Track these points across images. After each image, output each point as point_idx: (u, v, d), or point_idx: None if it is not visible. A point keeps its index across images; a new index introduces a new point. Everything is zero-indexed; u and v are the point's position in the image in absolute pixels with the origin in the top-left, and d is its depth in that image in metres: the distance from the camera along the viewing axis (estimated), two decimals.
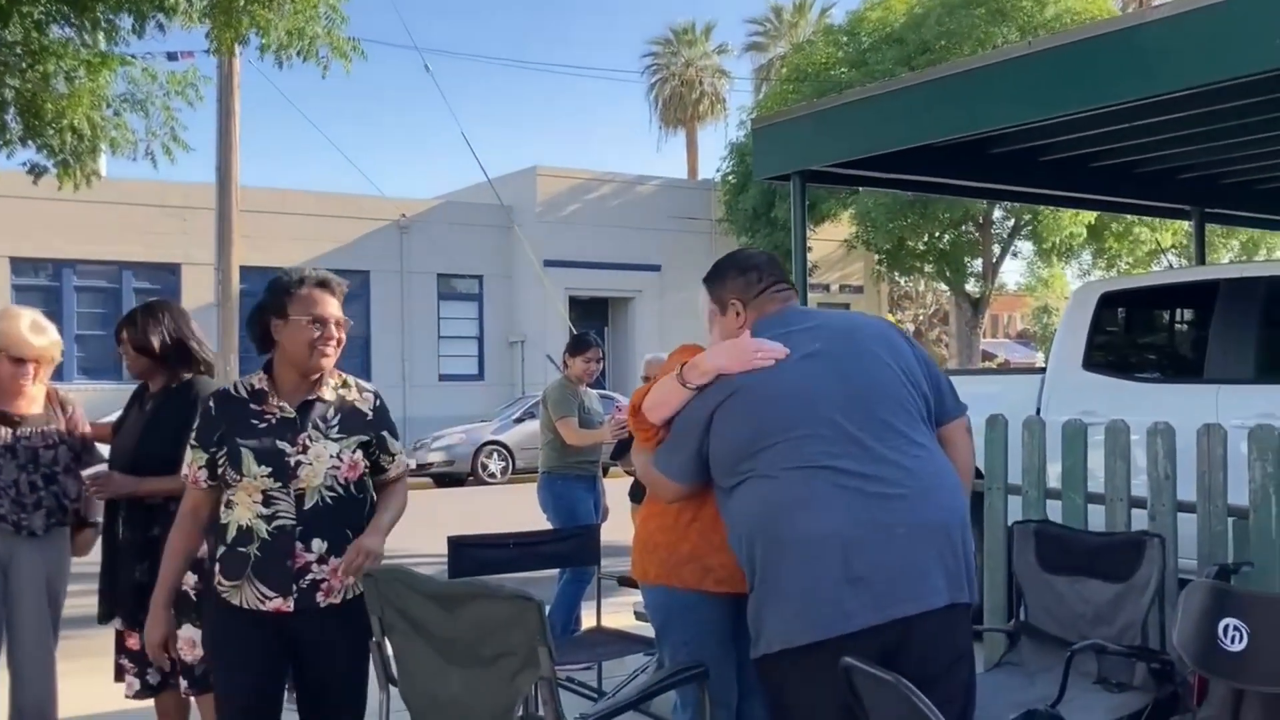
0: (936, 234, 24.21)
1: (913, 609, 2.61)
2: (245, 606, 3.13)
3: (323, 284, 3.23)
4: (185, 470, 3.26)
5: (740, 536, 2.81)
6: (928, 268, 25.62)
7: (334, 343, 3.20)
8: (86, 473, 3.99)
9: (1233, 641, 3.15)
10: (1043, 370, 7.03)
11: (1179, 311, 7.28)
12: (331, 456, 3.17)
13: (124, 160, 9.64)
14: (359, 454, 3.24)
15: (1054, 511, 4.77)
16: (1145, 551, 4.06)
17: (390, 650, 3.06)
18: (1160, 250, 24.48)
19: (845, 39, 23.80)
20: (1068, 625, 4.08)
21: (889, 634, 2.58)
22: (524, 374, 25.85)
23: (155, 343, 4.00)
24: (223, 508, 3.22)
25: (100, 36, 8.72)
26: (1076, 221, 22.43)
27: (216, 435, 3.16)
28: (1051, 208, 19.70)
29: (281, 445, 3.13)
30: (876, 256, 25.91)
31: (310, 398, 3.23)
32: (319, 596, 3.16)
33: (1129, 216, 21.85)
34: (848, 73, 21.78)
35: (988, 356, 34.78)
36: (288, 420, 3.18)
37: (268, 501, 3.12)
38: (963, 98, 5.87)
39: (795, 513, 2.69)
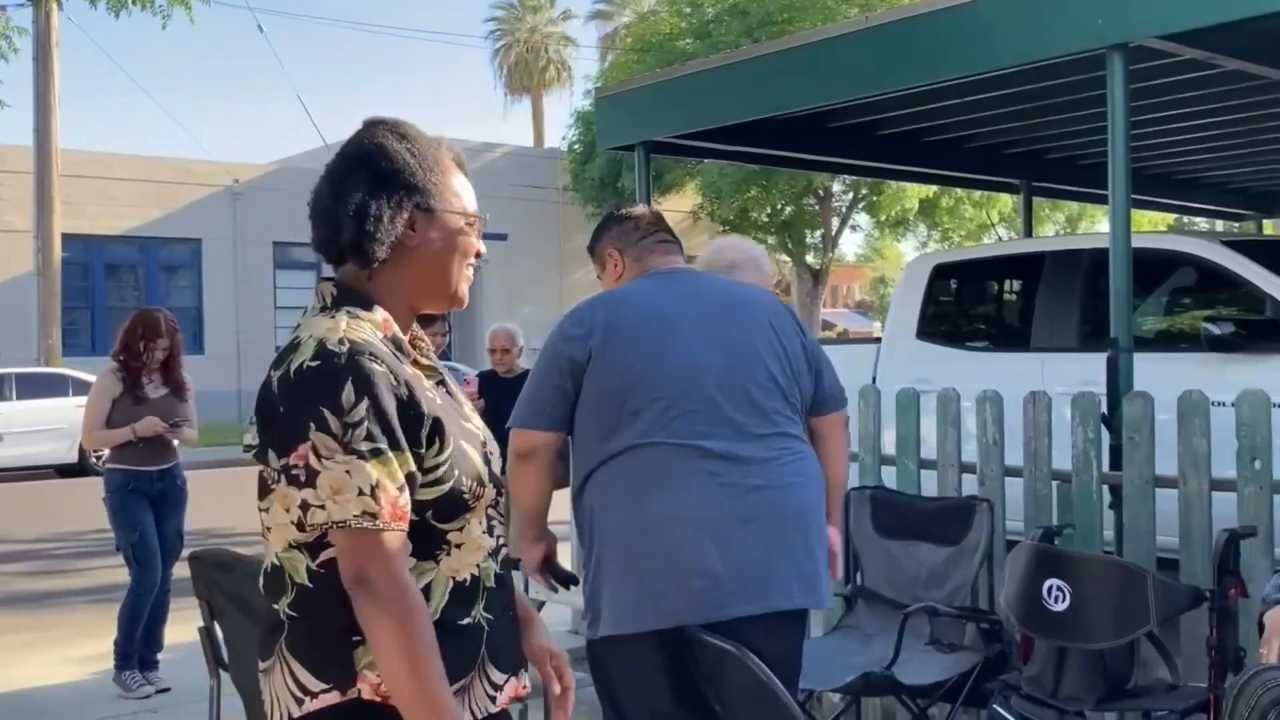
0: (779, 206, 24.62)
1: (756, 609, 2.59)
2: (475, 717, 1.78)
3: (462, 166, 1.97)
4: (345, 496, 1.63)
5: (589, 508, 2.73)
6: (770, 239, 26.05)
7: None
8: None
9: (1056, 601, 3.28)
10: (879, 340, 7.21)
11: (1008, 283, 7.55)
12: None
13: None
14: None
15: (889, 478, 4.90)
16: (975, 515, 4.21)
17: (220, 635, 2.95)
18: (989, 225, 25.42)
19: (689, 10, 23.89)
20: (902, 588, 4.20)
21: (726, 630, 2.51)
22: None
23: None
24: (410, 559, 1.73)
25: None
26: (912, 197, 23.11)
27: (426, 424, 1.73)
28: (895, 182, 20.23)
29: (471, 427, 1.87)
30: (721, 227, 26.22)
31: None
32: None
33: (959, 192, 22.60)
34: (692, 43, 21.90)
35: (827, 326, 35.64)
36: (445, 386, 1.89)
37: (490, 527, 1.86)
38: (802, 71, 5.94)
39: (654, 493, 2.63)
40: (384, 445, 1.63)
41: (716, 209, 24.11)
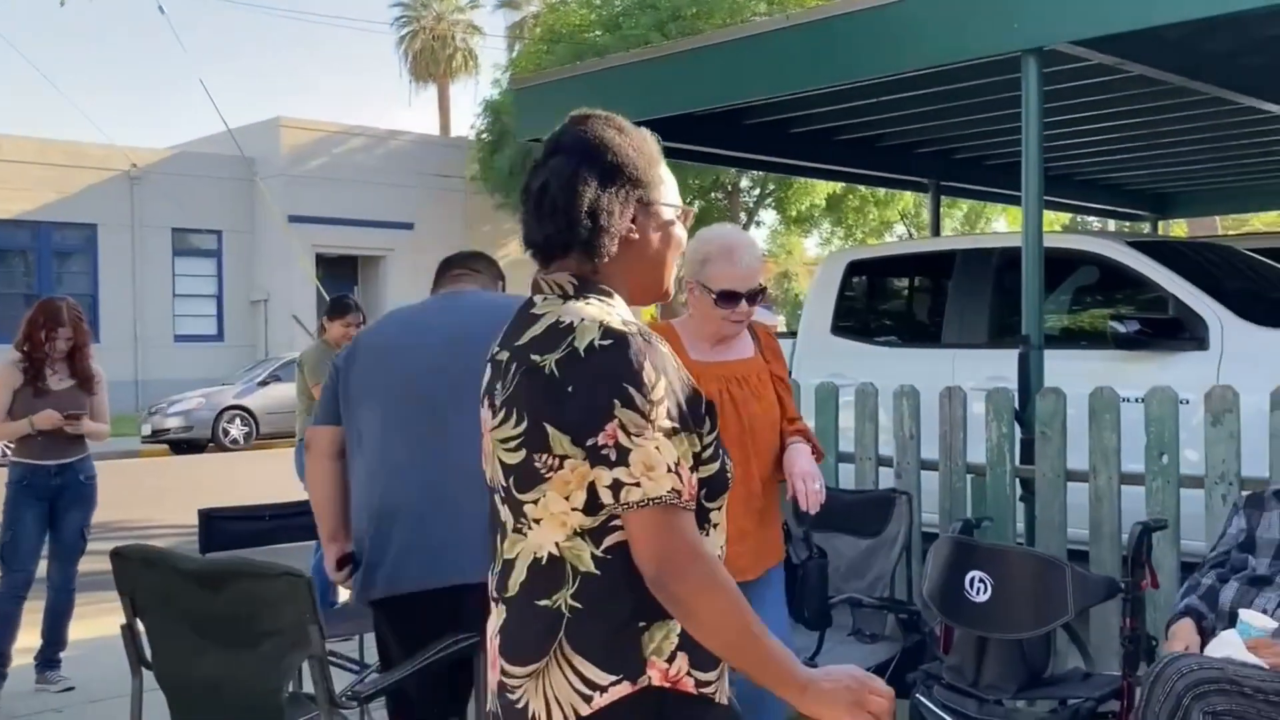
0: (688, 200, 24.68)
1: (459, 579, 2.80)
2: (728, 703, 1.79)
3: None
4: (658, 473, 1.63)
5: (358, 503, 3.03)
6: None
7: None
8: None
9: (978, 593, 3.36)
10: (794, 335, 7.29)
11: (920, 279, 7.68)
12: None
13: None
14: None
15: None
16: (894, 508, 4.29)
17: (144, 632, 2.88)
18: (890, 223, 25.84)
19: (599, 1, 23.87)
20: None
21: (446, 598, 2.83)
22: (268, 335, 24.86)
23: None
24: None
25: None
26: (819, 193, 23.39)
27: (703, 403, 1.74)
28: (805, 178, 20.46)
29: None
30: None
31: None
32: None
33: (863, 189, 22.95)
34: (601, 35, 21.88)
35: None
36: None
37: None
38: (722, 69, 5.99)
39: (386, 481, 2.93)
40: (679, 424, 1.63)
41: None
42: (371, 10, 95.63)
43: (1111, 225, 13.82)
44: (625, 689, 1.61)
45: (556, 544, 1.64)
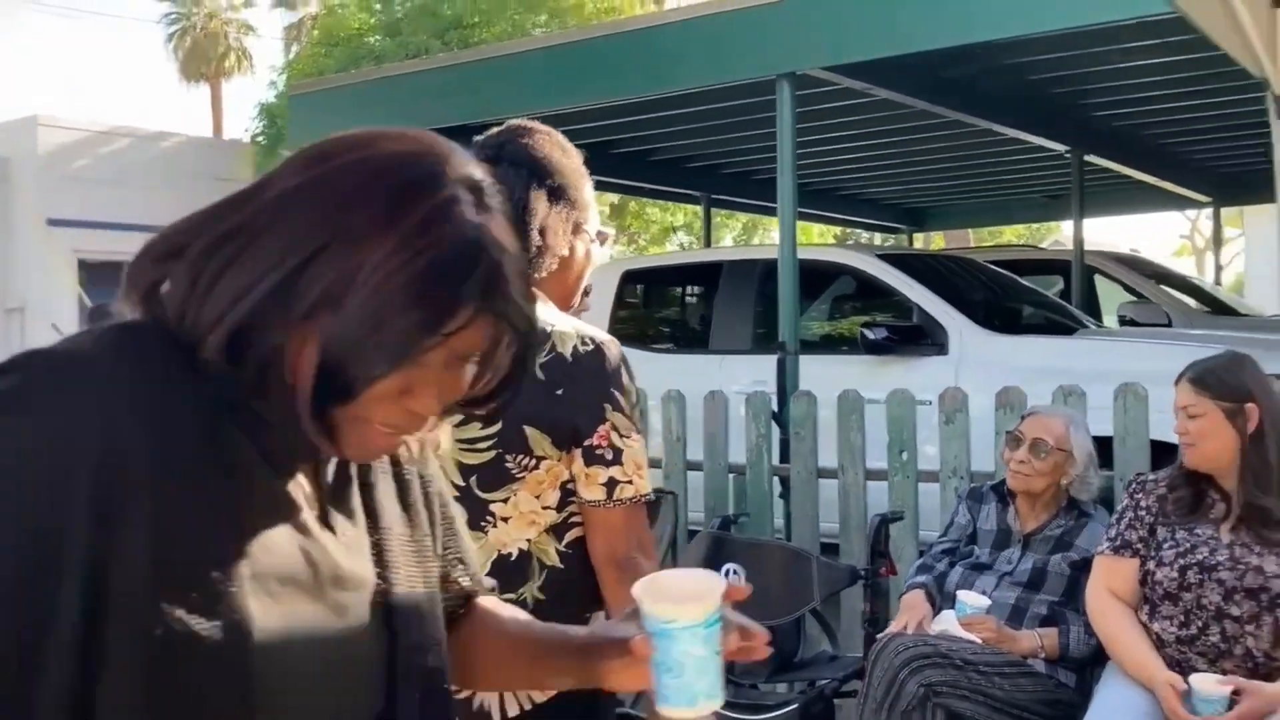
0: None
1: None
2: None
3: None
4: (644, 471, 1.81)
5: None
6: None
7: None
8: None
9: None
10: None
11: (690, 289, 7.98)
12: None
13: None
14: None
15: None
16: (660, 508, 4.48)
17: None
18: (673, 229, 26.45)
19: (379, 6, 23.56)
20: None
21: None
22: (24, 345, 23.35)
23: None
24: None
25: None
26: (602, 201, 23.73)
27: None
28: None
29: None
30: None
31: None
32: None
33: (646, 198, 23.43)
34: (381, 40, 21.62)
35: None
36: None
37: None
38: (495, 81, 6.11)
39: None
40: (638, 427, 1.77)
41: None
42: (141, 7, 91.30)
43: (879, 238, 14.60)
44: None
45: (528, 540, 1.73)
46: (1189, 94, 6.55)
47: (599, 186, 7.99)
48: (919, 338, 5.73)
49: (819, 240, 20.68)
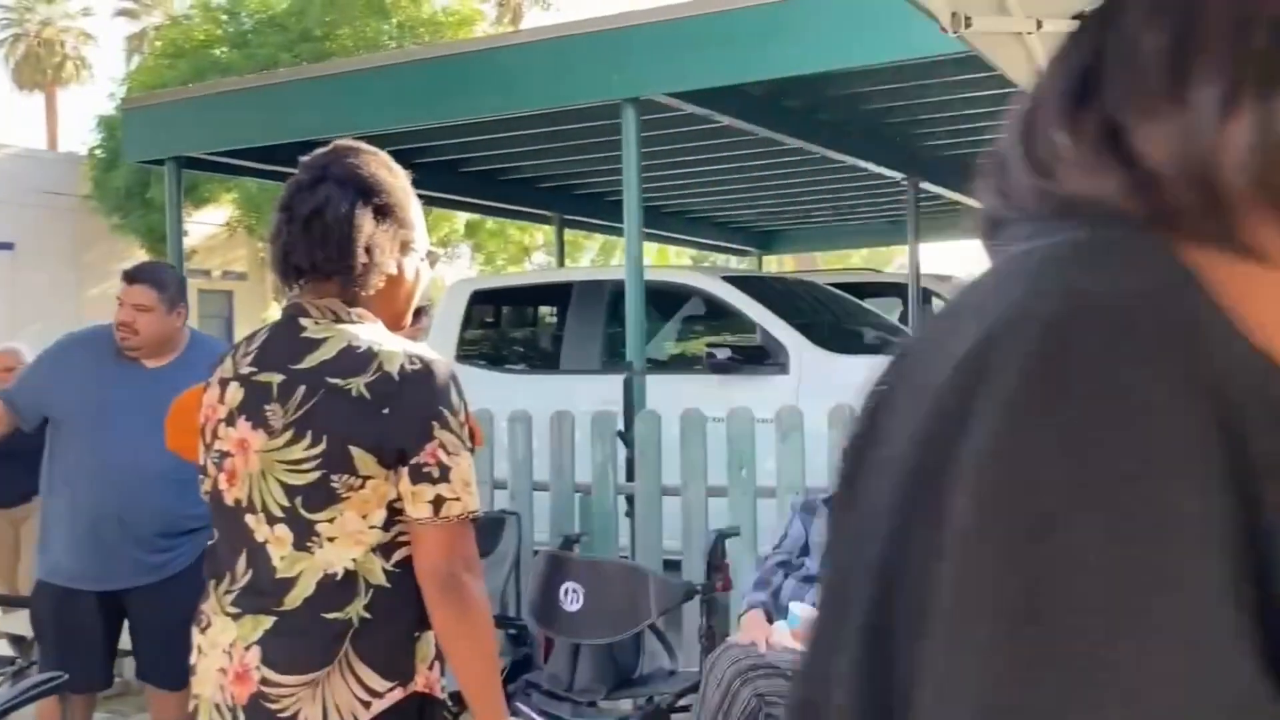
0: None
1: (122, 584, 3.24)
2: None
3: None
4: (472, 488, 1.85)
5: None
6: None
7: None
8: None
9: (571, 602, 3.61)
10: None
11: (540, 309, 8.01)
12: None
13: None
14: None
15: None
16: (504, 528, 4.50)
17: None
18: (531, 249, 26.42)
19: (226, 18, 23.00)
20: None
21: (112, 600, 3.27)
22: None
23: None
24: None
25: None
26: (458, 220, 23.57)
27: None
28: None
29: None
30: (260, 242, 25.37)
31: None
32: None
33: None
34: (228, 53, 21.09)
35: None
36: None
37: None
38: (340, 99, 6.05)
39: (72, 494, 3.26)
40: (468, 445, 1.79)
41: (255, 223, 23.32)
42: None
43: (734, 261, 14.86)
44: (398, 694, 1.75)
45: (354, 560, 1.74)
46: None
47: (451, 205, 8.11)
48: (762, 358, 5.88)
49: (674, 262, 20.94)
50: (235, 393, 1.81)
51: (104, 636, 3.37)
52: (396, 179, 1.88)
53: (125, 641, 3.45)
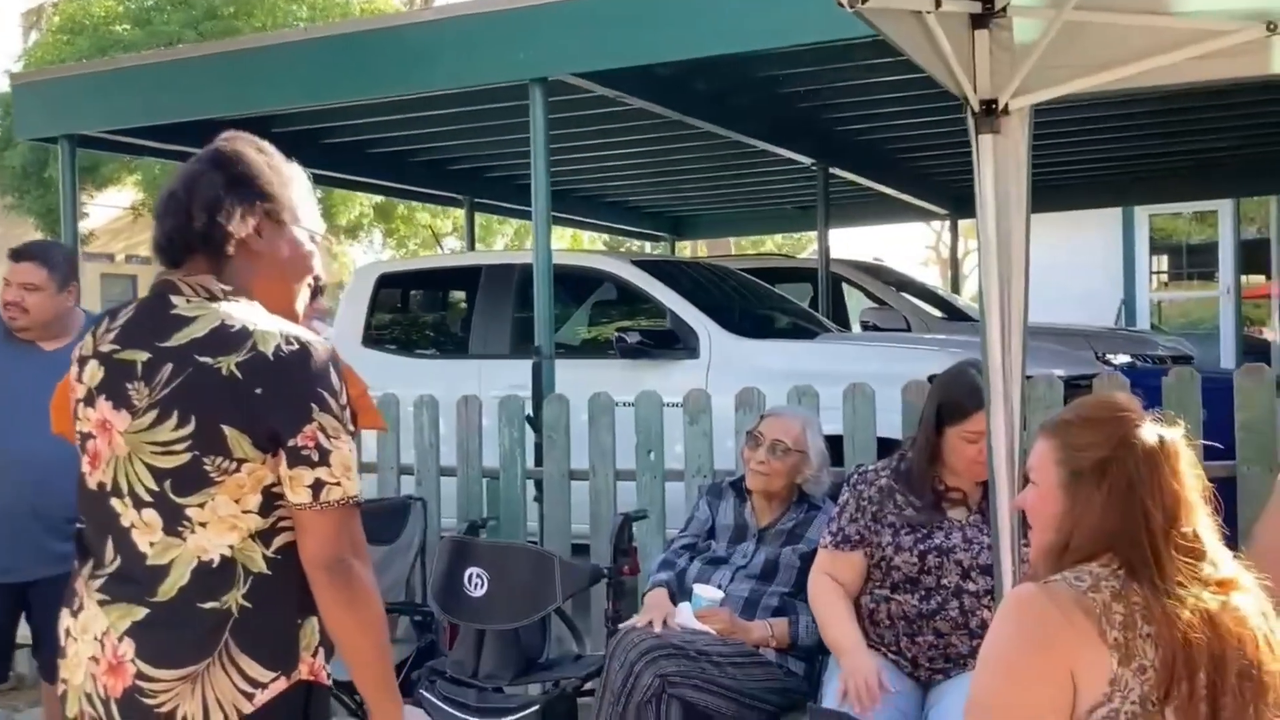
0: None
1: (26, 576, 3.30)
2: None
3: None
4: (353, 473, 1.81)
5: None
6: None
7: None
8: None
9: (476, 588, 3.57)
10: None
11: (449, 293, 7.91)
12: None
13: None
14: None
15: None
16: (409, 514, 4.43)
17: None
18: (443, 234, 26.14)
19: None
20: None
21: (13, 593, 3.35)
22: None
23: None
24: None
25: None
26: (367, 203, 23.21)
27: None
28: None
29: None
30: None
31: None
32: None
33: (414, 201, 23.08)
34: (130, 30, 20.50)
35: None
36: None
37: None
38: (243, 76, 5.91)
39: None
40: (349, 428, 1.74)
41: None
42: None
43: (649, 246, 14.83)
44: (282, 684, 1.70)
45: (231, 546, 1.69)
46: (922, 110, 6.94)
47: (359, 187, 7.98)
48: (672, 342, 5.87)
49: (589, 246, 20.86)
50: (95, 371, 1.74)
51: (2, 630, 3.26)
52: (267, 157, 1.87)
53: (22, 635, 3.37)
